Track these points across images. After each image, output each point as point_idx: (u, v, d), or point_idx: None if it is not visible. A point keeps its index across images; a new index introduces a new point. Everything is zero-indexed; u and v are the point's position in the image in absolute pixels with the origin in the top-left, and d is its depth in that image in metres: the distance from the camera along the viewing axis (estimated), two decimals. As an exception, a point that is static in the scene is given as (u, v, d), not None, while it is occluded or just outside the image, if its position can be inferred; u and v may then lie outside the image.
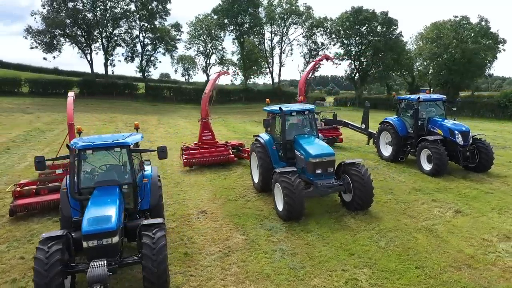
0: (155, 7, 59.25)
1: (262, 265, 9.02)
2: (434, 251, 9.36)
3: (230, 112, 53.27)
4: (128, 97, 57.37)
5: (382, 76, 70.78)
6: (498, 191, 13.56)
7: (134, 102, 55.61)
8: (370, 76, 71.70)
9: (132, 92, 58.43)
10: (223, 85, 74.86)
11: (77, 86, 55.99)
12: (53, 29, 54.13)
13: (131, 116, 42.40)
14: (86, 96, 55.32)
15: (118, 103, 53.02)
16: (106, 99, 54.91)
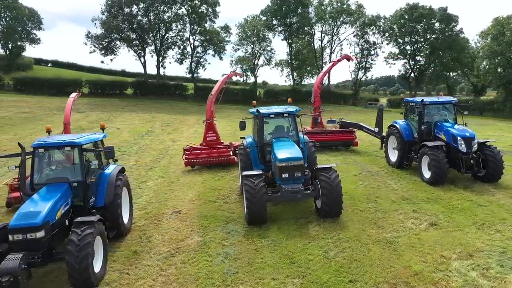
0: (204, 10, 61.00)
1: (199, 268, 9.12)
2: (379, 265, 8.85)
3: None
4: (178, 97, 59.61)
5: (440, 76, 66.78)
6: (494, 204, 12.37)
7: (182, 102, 57.65)
8: (427, 76, 67.98)
9: (182, 93, 60.64)
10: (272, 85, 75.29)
11: (131, 87, 59.29)
12: (110, 33, 57.82)
13: (172, 116, 44.10)
14: (139, 96, 58.41)
15: (166, 104, 55.28)
16: (157, 100, 57.49)
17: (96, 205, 10.12)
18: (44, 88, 54.20)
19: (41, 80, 55.71)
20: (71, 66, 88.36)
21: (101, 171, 10.61)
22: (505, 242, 9.67)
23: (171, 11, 59.80)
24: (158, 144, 25.58)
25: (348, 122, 22.78)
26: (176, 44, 61.78)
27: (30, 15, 71.46)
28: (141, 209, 13.24)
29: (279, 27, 66.11)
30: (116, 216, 10.35)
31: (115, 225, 10.41)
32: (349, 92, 71.53)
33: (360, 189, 14.50)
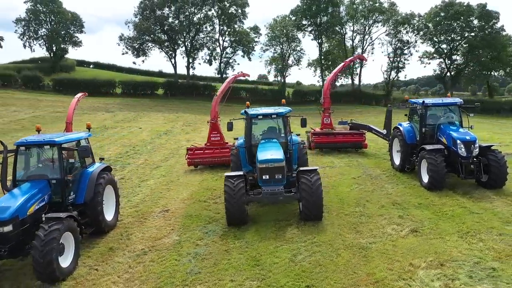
0: (234, 11, 61.57)
1: (166, 267, 9.29)
2: (342, 271, 8.67)
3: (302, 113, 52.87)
4: (207, 97, 60.37)
5: (479, 76, 63.81)
6: (488, 211, 11.74)
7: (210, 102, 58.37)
8: (464, 76, 65.15)
9: (211, 93, 61.38)
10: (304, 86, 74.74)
11: (162, 88, 60.82)
12: (142, 35, 59.62)
13: (197, 116, 44.80)
14: (169, 96, 59.82)
15: (195, 104, 56.21)
16: (186, 100, 58.63)
17: (76, 202, 10.54)
18: (80, 89, 56.55)
19: (78, 81, 58.26)
20: (111, 68, 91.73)
21: (83, 170, 11.02)
22: (484, 252, 9.20)
23: (201, 12, 60.84)
24: (172, 144, 26.14)
25: (359, 123, 22.30)
26: (205, 45, 62.77)
27: (73, 19, 75.11)
28: (133, 207, 13.62)
29: (309, 26, 65.58)
30: (96, 213, 10.72)
31: (95, 222, 10.79)
32: (381, 93, 69.72)
33: (353, 192, 14.20)
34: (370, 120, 34.34)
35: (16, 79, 56.86)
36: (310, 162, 18.85)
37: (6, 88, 54.72)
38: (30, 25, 70.63)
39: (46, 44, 71.94)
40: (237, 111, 16.76)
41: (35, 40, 71.96)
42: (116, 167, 19.65)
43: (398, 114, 20.40)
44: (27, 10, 69.82)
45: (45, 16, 72.00)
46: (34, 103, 47.08)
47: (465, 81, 70.00)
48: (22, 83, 56.73)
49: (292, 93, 64.10)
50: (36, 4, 70.23)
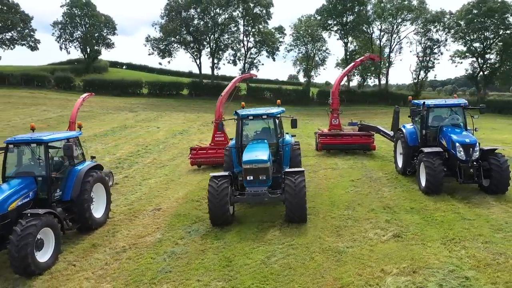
0: (259, 12, 61.62)
1: (140, 265, 9.48)
2: (311, 275, 8.55)
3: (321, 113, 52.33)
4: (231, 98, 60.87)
5: (514, 75, 60.96)
6: (482, 218, 11.21)
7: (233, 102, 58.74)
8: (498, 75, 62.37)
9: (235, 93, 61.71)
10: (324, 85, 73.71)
11: (187, 88, 61.74)
12: (168, 36, 60.77)
13: (217, 116, 45.10)
14: (194, 97, 60.62)
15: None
16: (210, 100, 58.91)
17: (63, 199, 10.92)
18: (109, 89, 58.45)
19: (106, 82, 60.19)
20: (142, 68, 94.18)
21: (71, 167, 11.38)
22: (462, 260, 8.81)
23: (225, 13, 61.31)
24: (184, 144, 26.48)
25: (368, 124, 21.82)
26: (230, 46, 63.22)
27: (106, 22, 77.79)
28: (127, 205, 13.95)
29: (334, 26, 64.71)
30: (82, 210, 11.07)
31: (82, 219, 11.14)
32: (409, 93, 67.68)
33: (347, 195, 13.94)
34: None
35: (50, 80, 59.29)
36: (314, 164, 18.97)
37: (40, 88, 57.17)
38: (66, 28, 73.63)
39: (80, 46, 74.88)
40: None
41: (71, 42, 75.07)
42: (123, 166, 20.21)
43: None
44: (64, 13, 72.85)
45: (80, 19, 74.78)
46: (63, 102, 48.89)
47: (500, 80, 66.90)
48: (55, 83, 59.08)
49: (316, 93, 63.42)
50: (72, 8, 73.15)
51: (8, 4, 67.80)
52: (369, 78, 73.10)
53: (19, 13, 68.95)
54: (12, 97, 50.31)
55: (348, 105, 63.21)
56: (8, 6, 67.71)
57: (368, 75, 71.58)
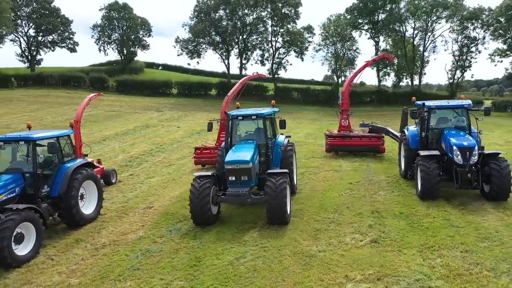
0: (287, 11, 61.36)
1: (113, 261, 9.71)
2: (272, 278, 8.45)
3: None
4: (258, 98, 60.92)
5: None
6: (472, 226, 10.61)
7: (260, 103, 58.64)
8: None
9: (262, 94, 61.83)
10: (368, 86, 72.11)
11: (215, 88, 62.41)
12: (197, 37, 61.75)
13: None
14: (222, 97, 61.10)
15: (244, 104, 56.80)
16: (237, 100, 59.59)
17: (51, 194, 11.37)
18: (140, 89, 60.16)
19: (137, 82, 61.93)
20: (177, 69, 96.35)
21: (60, 165, 11.81)
22: (434, 269, 8.42)
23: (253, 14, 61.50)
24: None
25: (379, 126, 21.19)
26: (258, 46, 63.34)
27: (142, 24, 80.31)
28: (122, 203, 14.32)
29: (365, 25, 63.32)
30: (69, 206, 11.47)
31: (69, 215, 11.56)
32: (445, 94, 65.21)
33: (340, 198, 13.62)
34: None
35: (85, 80, 61.76)
36: (317, 165, 18.71)
37: (76, 89, 59.72)
38: (104, 31, 76.61)
39: (117, 48, 77.71)
40: (286, 112, 16.43)
41: (108, 44, 78.07)
42: (133, 164, 20.74)
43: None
44: (103, 17, 75.80)
45: (118, 22, 77.57)
46: (95, 102, 50.14)
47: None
48: (89, 84, 61.47)
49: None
50: (110, 11, 76.03)
51: (49, 9, 71.38)
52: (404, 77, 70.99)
53: (60, 17, 72.47)
54: (49, 97, 52.86)
55: (378, 105, 61.95)
56: (49, 10, 71.27)
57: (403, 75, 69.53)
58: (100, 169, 16.58)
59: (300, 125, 40.54)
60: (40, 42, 71.28)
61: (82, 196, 12.36)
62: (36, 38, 70.66)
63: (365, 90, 63.17)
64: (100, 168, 16.65)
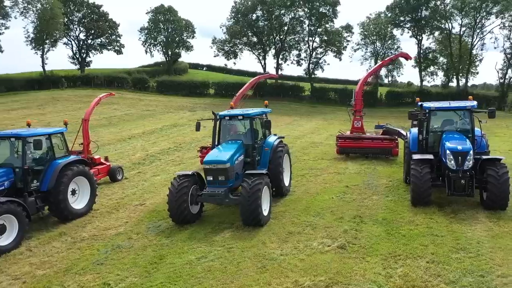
0: (324, 10, 60.38)
1: (83, 255, 10.06)
2: (221, 279, 8.40)
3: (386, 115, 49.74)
4: (294, 98, 60.57)
5: None
6: (451, 236, 9.93)
7: (295, 103, 58.36)
8: None
9: (298, 94, 61.36)
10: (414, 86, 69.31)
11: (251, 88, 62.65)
12: (234, 38, 62.44)
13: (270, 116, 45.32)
14: (257, 97, 61.35)
15: (279, 104, 56.46)
16: (273, 101, 59.15)
17: (40, 189, 12.00)
18: (178, 89, 61.84)
19: (176, 83, 63.63)
20: (221, 70, 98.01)
21: (51, 161, 12.42)
22: (390, 279, 8.00)
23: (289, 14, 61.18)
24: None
25: (392, 128, 20.30)
26: (294, 46, 62.92)
27: (186, 26, 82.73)
28: (118, 199, 14.79)
29: (407, 23, 60.87)
30: (57, 201, 12.03)
31: (57, 209, 12.14)
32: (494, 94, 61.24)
33: (328, 202, 13.25)
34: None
35: (127, 81, 64.43)
36: (322, 167, 18.39)
37: (119, 89, 62.47)
38: (151, 33, 79.65)
39: (163, 50, 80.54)
40: (320, 113, 16.17)
41: (154, 46, 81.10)
42: (145, 162, 21.39)
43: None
44: (149, 20, 78.86)
45: (163, 24, 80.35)
46: (134, 102, 52.79)
47: None
48: (131, 84, 64.05)
49: (385, 94, 60.35)
50: (156, 14, 78.95)
51: (98, 13, 75.22)
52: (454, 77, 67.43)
53: (108, 21, 76.16)
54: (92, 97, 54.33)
55: (416, 107, 59.27)
56: (98, 15, 75.12)
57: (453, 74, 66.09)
58: (106, 166, 17.30)
59: (330, 126, 39.73)
60: (90, 45, 75.29)
61: (75, 192, 12.94)
62: (86, 41, 74.71)
63: (407, 91, 60.67)
64: (106, 165, 17.35)
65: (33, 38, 62.45)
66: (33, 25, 61.63)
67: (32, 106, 46.63)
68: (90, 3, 74.27)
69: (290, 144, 25.51)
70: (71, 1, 72.75)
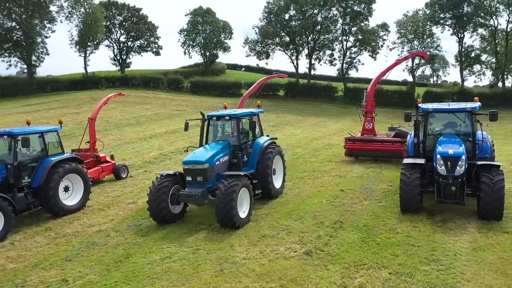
0: (361, 10, 58.83)
1: (57, 250, 10.37)
2: (175, 281, 8.34)
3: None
4: (327, 99, 59.51)
5: None
6: (430, 246, 9.25)
7: (327, 104, 57.32)
8: None
9: (331, 94, 60.18)
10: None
11: (283, 89, 62.35)
12: (266, 38, 62.37)
13: (299, 116, 45.11)
14: (289, 98, 60.97)
15: (310, 105, 55.92)
16: (304, 101, 58.64)
17: (32, 185, 12.49)
18: (211, 90, 62.67)
19: (209, 83, 64.48)
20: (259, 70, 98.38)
21: (44, 158, 12.88)
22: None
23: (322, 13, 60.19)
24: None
25: (403, 130, 19.30)
26: (327, 46, 61.81)
27: (224, 27, 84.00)
28: (114, 197, 15.11)
29: (448, 20, 58.03)
30: (47, 197, 12.47)
31: (47, 205, 12.58)
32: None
33: (316, 206, 12.79)
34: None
35: (163, 82, 66.11)
36: (326, 170, 17.96)
37: (154, 89, 64.29)
38: (189, 35, 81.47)
39: (201, 51, 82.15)
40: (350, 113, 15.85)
41: (192, 47, 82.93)
42: (156, 161, 21.79)
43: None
44: (188, 22, 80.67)
45: (201, 26, 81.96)
46: (166, 102, 54.03)
47: None
48: (166, 84, 65.66)
49: (423, 95, 57.86)
50: (195, 16, 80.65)
51: (138, 16, 77.80)
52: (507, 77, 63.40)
53: (147, 24, 78.60)
54: (128, 97, 56.76)
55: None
56: (138, 17, 77.69)
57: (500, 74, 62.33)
58: (111, 165, 17.76)
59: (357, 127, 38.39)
60: (130, 47, 77.98)
61: (67, 188, 13.37)
62: (126, 44, 77.47)
63: (446, 91, 57.82)
64: (111, 163, 17.81)
65: (77, 41, 65.58)
66: (77, 29, 64.76)
67: (71, 106, 48.81)
68: (131, 6, 77.01)
69: (303, 146, 25.25)
70: (113, 5, 75.91)
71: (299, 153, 22.40)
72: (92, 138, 17.67)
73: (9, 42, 59.82)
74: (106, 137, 30.94)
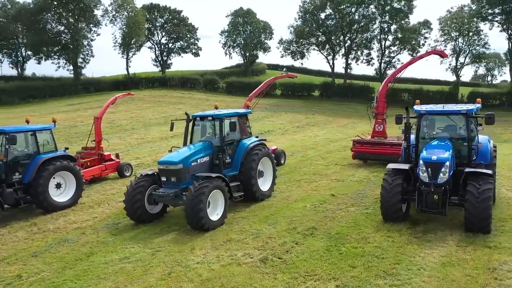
0: (401, 7, 56.50)
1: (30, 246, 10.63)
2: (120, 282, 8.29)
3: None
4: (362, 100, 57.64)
5: None
6: (396, 258, 8.53)
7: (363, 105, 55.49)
8: None
9: (367, 95, 58.22)
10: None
11: (318, 89, 61.25)
12: (301, 38, 61.57)
13: (329, 117, 44.13)
14: (324, 98, 59.81)
15: (344, 106, 54.47)
16: (338, 102, 57.29)
17: (23, 181, 12.98)
18: (246, 90, 62.84)
19: (244, 83, 64.65)
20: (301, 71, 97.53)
21: (36, 155, 13.33)
22: (278, 302, 7.16)
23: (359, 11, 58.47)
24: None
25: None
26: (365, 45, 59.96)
27: (264, 28, 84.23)
28: (110, 195, 15.37)
29: (496, 16, 54.33)
30: (37, 193, 12.90)
31: (36, 201, 13.01)
32: None
33: (298, 211, 12.26)
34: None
35: (199, 82, 67.21)
36: (328, 173, 17.53)
37: (191, 89, 65.51)
38: (230, 36, 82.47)
39: (241, 52, 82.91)
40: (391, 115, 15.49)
41: (233, 48, 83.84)
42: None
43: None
44: (229, 23, 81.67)
45: (242, 27, 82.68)
46: (200, 102, 54.78)
47: None
48: (202, 85, 66.67)
49: (467, 95, 54.60)
50: (236, 17, 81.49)
51: (179, 18, 79.65)
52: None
53: (187, 25, 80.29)
54: (165, 97, 58.83)
55: (510, 109, 52.39)
56: (179, 19, 79.54)
57: None
58: (115, 163, 18.16)
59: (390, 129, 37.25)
60: (170, 48, 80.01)
61: (60, 185, 13.78)
62: (167, 45, 79.55)
63: (493, 91, 54.17)
64: (115, 161, 18.21)
65: (120, 43, 68.23)
66: (120, 32, 67.34)
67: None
68: (172, 9, 78.98)
69: (318, 148, 24.58)
70: (155, 8, 78.25)
71: (309, 155, 21.82)
72: (98, 136, 18.13)
73: (58, 45, 63.36)
74: (130, 136, 31.98)
